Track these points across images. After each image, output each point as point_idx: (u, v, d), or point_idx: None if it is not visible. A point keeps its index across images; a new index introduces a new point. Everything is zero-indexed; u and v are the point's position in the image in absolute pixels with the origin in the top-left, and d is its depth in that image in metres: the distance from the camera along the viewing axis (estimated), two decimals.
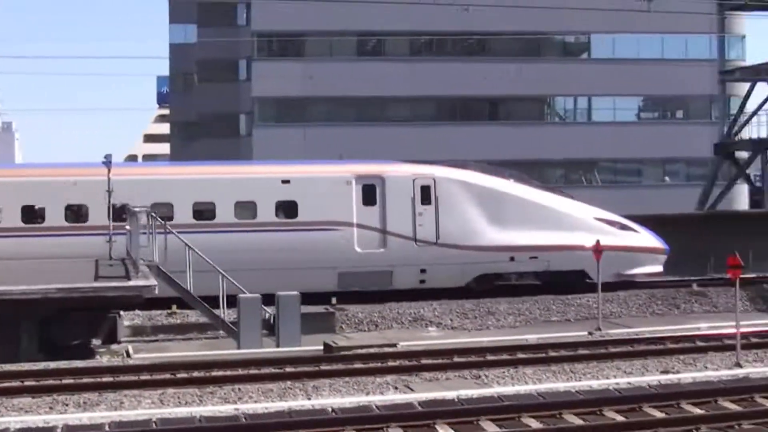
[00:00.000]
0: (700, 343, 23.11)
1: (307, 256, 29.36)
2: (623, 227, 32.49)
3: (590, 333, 25.46)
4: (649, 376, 19.44)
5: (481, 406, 16.61)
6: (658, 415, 16.14)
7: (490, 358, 21.73)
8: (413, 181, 30.76)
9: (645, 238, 32.72)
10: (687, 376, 19.27)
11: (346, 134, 62.97)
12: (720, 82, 53.76)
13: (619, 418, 16.06)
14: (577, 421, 15.92)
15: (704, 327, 25.93)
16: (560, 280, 31.63)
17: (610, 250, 29.21)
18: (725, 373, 19.49)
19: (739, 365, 20.33)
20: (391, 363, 21.25)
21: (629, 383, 18.61)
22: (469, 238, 30.63)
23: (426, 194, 30.64)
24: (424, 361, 21.36)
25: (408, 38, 66.71)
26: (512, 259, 31.22)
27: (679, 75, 67.29)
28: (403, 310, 28.56)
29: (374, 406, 16.73)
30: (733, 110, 54.46)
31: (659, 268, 32.84)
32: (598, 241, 27.47)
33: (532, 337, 24.58)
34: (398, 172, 31.13)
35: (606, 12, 59.87)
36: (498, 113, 68.82)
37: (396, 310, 28.51)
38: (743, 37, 68.91)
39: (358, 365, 20.90)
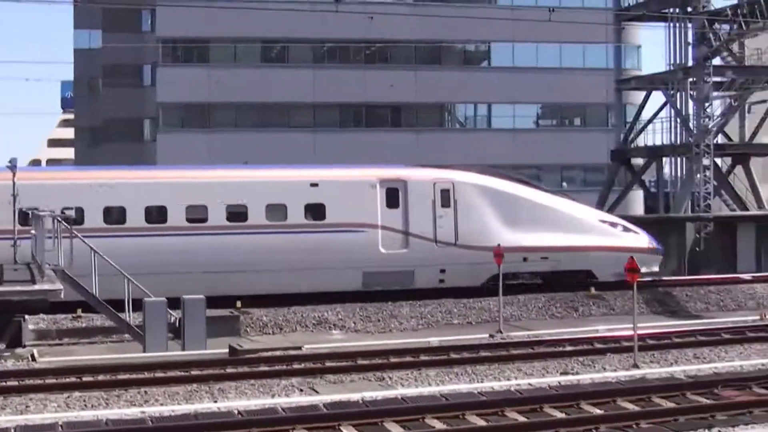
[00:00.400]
0: (598, 345, 23.64)
1: (334, 256, 30.08)
2: (625, 229, 33.55)
3: (491, 335, 25.86)
4: (549, 378, 19.84)
5: (385, 407, 16.85)
6: (559, 415, 16.52)
7: (393, 360, 21.98)
8: (434, 185, 31.59)
9: (644, 239, 33.64)
10: (586, 377, 19.73)
11: (251, 140, 62.83)
12: (616, 90, 54.90)
13: (521, 418, 16.40)
14: (480, 422, 16.22)
15: (602, 329, 26.44)
16: (568, 279, 32.76)
17: (613, 251, 31.71)
18: (623, 374, 19.98)
19: (636, 366, 20.86)
20: (296, 365, 21.41)
21: (530, 384, 18.98)
22: (485, 239, 31.11)
23: (446, 197, 31.50)
24: (328, 364, 21.56)
25: (312, 45, 66.84)
26: (525, 259, 32.08)
27: (576, 83, 68.48)
28: (307, 314, 28.66)
29: (280, 408, 16.87)
30: (629, 118, 55.62)
31: (656, 268, 33.84)
32: (498, 245, 27.96)
33: (434, 340, 24.88)
34: (420, 176, 31.92)
35: (505, 21, 60.71)
36: (400, 120, 69.28)
37: (300, 314, 28.59)
38: (639, 47, 70.33)
39: (263, 368, 21.03)
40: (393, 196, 31.20)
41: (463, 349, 23.28)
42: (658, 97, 50.64)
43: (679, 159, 45.82)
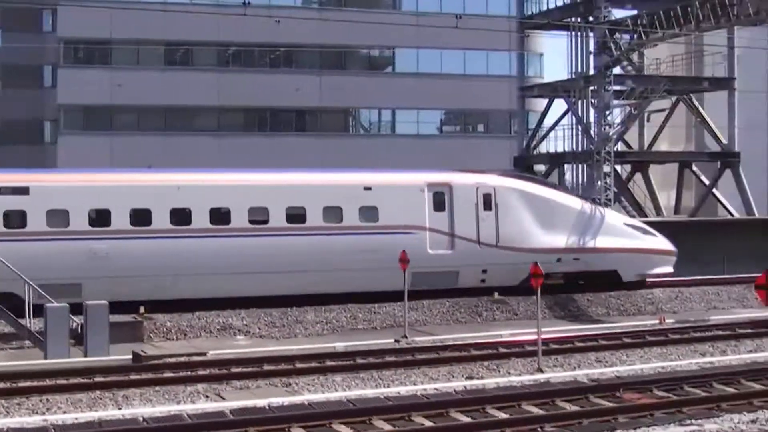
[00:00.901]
0: (503, 350, 23.89)
1: (386, 257, 30.16)
2: (645, 232, 35.10)
3: (397, 340, 25.93)
4: (455, 382, 19.98)
5: (292, 413, 16.83)
6: (465, 419, 16.66)
7: (299, 365, 21.96)
8: (477, 189, 32.60)
9: (662, 241, 35.06)
10: (491, 382, 19.90)
11: (154, 143, 62.24)
12: (519, 97, 55.40)
13: (428, 423, 16.51)
14: (387, 427, 16.28)
15: (506, 334, 26.66)
16: (596, 279, 34.20)
17: (637, 253, 34.06)
18: (527, 378, 20.22)
19: (540, 370, 21.11)
20: (201, 372, 21.26)
21: (436, 389, 19.10)
22: (523, 241, 32.64)
23: (487, 201, 32.58)
24: (234, 370, 21.46)
25: (216, 48, 66.44)
26: (559, 260, 33.35)
27: (480, 90, 69.13)
28: (211, 319, 28.44)
29: (185, 415, 16.74)
30: (532, 125, 56.27)
31: (670, 269, 35.46)
32: (403, 251, 28.06)
33: (340, 345, 24.89)
34: (464, 180, 32.73)
35: (410, 27, 61.02)
36: (305, 124, 69.22)
37: (204, 319, 28.36)
38: (541, 55, 71.24)
39: (168, 374, 20.84)
40: (440, 199, 32.19)
41: (369, 354, 23.34)
42: (560, 105, 51.35)
43: (580, 166, 46.40)
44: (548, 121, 53.20)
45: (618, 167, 47.70)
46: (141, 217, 29.12)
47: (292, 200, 30.85)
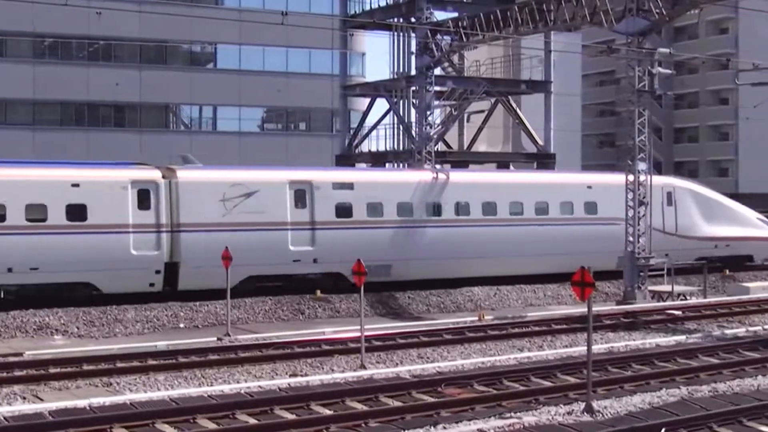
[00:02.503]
0: (326, 347, 24.00)
1: (603, 244, 37.36)
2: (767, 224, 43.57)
3: (219, 339, 25.80)
4: (279, 380, 19.98)
5: (114, 413, 16.55)
6: (290, 416, 16.68)
7: (120, 365, 21.63)
8: (662, 188, 39.68)
9: None
10: (315, 379, 19.98)
11: None
12: (342, 96, 55.64)
13: (252, 420, 16.48)
14: (211, 425, 16.19)
15: (329, 331, 26.81)
16: (736, 262, 42.09)
17: (765, 240, 42.71)
18: (351, 375, 20.36)
19: (363, 367, 21.30)
20: (17, 372, 20.73)
21: (260, 387, 19.05)
22: (694, 231, 40.81)
23: (669, 198, 40.41)
24: (52, 370, 21.00)
25: (32, 39, 64.52)
26: (716, 246, 41.47)
27: (302, 88, 69.26)
28: (27, 318, 27.76)
29: (2, 418, 16.25)
30: (354, 124, 56.59)
31: None
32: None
33: (161, 344, 24.57)
34: (655, 181, 37.09)
35: (232, 22, 60.63)
36: (124, 120, 67.96)
37: (20, 319, 27.68)
38: (363, 54, 71.75)
39: None
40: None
41: (191, 352, 23.14)
42: (382, 104, 51.78)
43: (402, 164, 46.94)
44: (370, 120, 53.62)
45: (438, 167, 48.37)
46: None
47: (537, 197, 38.02)
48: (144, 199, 31.03)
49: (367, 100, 53.81)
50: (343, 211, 33.98)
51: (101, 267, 30.01)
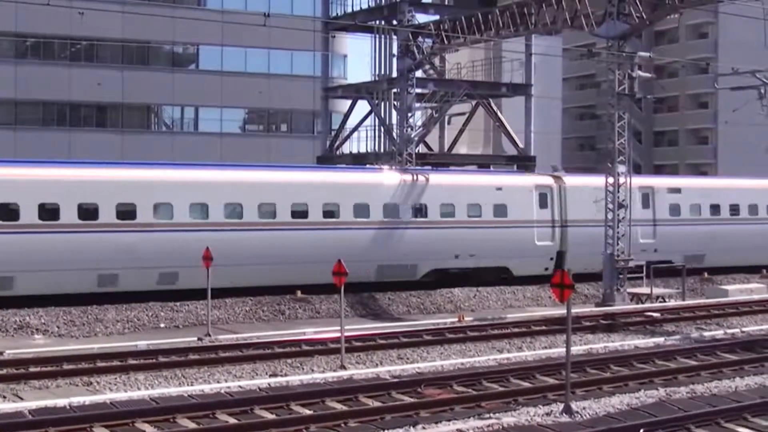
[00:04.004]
0: (306, 348, 24.07)
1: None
2: None
3: (200, 339, 25.84)
4: (259, 380, 20.05)
5: (94, 412, 16.59)
6: (270, 416, 16.75)
7: (100, 364, 21.66)
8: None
9: None
10: (295, 379, 20.05)
11: None
12: (323, 98, 55.60)
13: (232, 420, 16.54)
14: (191, 425, 16.25)
15: (310, 332, 26.88)
16: None
17: None
18: (331, 375, 20.45)
19: (343, 367, 21.39)
20: None
21: (240, 387, 19.12)
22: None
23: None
24: (32, 369, 21.03)
25: (14, 39, 64.30)
26: None
27: (284, 89, 69.24)
28: (7, 318, 27.74)
29: None
30: (336, 125, 56.60)
31: None
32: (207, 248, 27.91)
33: (142, 344, 24.59)
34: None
35: (215, 23, 60.54)
36: (106, 120, 67.79)
37: (0, 318, 27.64)
38: (345, 56, 71.75)
39: None
40: None
41: (171, 352, 23.18)
42: (363, 106, 51.78)
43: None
44: (352, 122, 53.63)
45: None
46: None
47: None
48: (543, 200, 38.58)
49: (349, 102, 53.80)
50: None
51: (515, 255, 37.46)
